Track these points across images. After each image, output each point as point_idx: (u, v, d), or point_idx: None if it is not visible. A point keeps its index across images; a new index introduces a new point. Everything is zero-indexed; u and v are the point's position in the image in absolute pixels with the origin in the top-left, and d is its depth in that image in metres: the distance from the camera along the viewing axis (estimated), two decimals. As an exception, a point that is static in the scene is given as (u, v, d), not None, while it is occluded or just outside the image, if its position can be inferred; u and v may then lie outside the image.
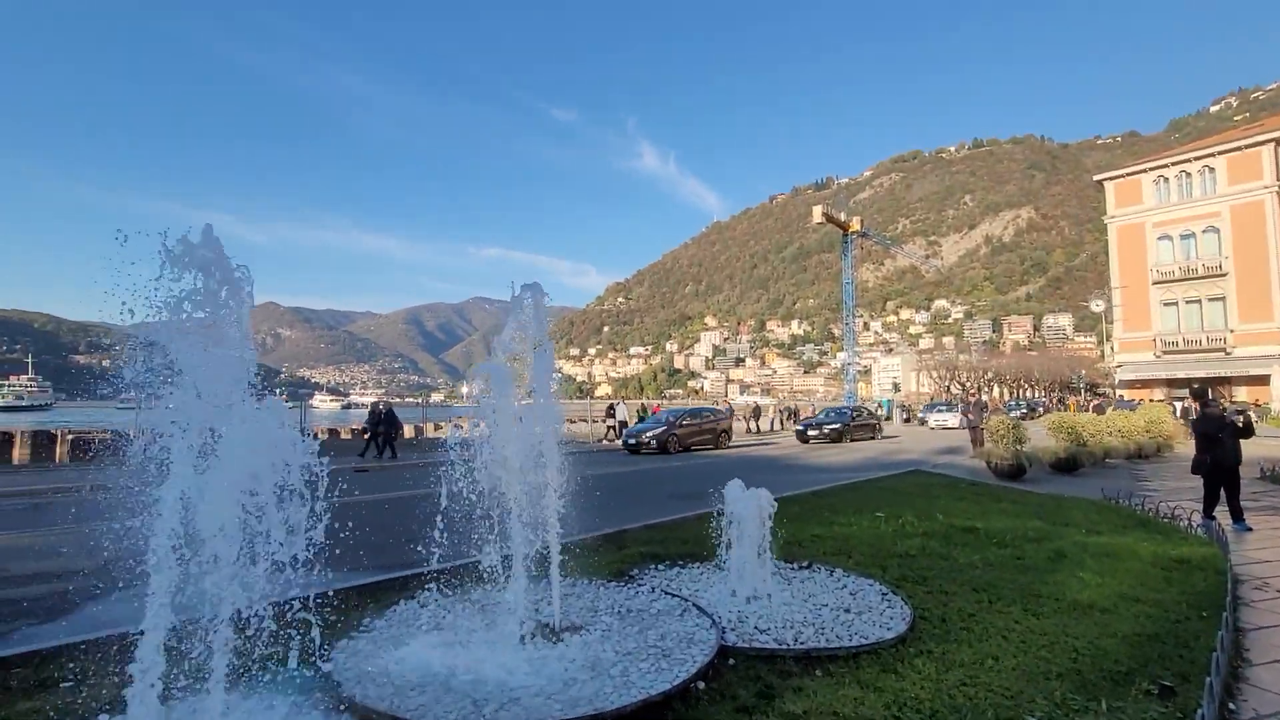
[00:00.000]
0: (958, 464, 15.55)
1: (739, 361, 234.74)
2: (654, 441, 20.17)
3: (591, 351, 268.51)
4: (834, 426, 25.10)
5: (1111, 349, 42.60)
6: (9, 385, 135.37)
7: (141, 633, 2.41)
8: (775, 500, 5.00)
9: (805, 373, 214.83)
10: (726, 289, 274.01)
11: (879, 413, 47.41)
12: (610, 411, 27.56)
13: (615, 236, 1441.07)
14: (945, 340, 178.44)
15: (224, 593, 2.56)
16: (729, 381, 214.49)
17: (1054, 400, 65.19)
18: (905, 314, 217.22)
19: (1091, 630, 4.13)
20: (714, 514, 5.19)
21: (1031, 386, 75.49)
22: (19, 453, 17.92)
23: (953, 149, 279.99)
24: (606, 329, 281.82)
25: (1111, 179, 40.30)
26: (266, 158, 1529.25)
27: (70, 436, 19.09)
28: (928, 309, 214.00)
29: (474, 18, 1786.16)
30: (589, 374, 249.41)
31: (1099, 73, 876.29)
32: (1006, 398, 64.45)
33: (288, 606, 2.67)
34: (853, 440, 25.01)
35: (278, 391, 2.93)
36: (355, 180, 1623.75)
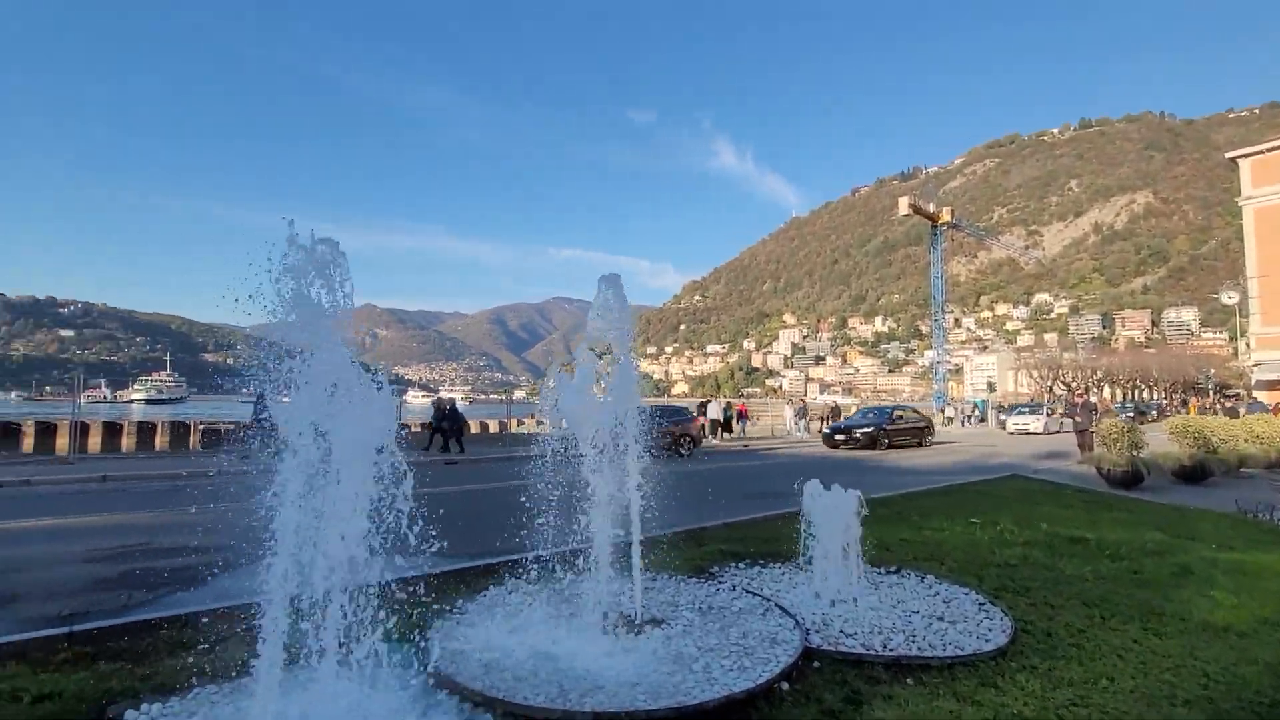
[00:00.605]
0: (1061, 469, 14.44)
1: (819, 360, 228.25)
2: None
3: (668, 350, 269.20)
4: (866, 430, 21.46)
5: (1247, 345, 38.03)
6: (151, 380, 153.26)
7: (266, 604, 2.66)
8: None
9: (890, 371, 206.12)
10: (806, 285, 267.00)
11: (973, 414, 44.93)
12: (702, 409, 27.60)
13: (693, 235, 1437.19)
14: (1047, 337, 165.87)
15: (336, 572, 2.79)
16: (809, 380, 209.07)
17: (1175, 402, 59.21)
18: (1001, 309, 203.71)
19: (1226, 655, 3.73)
20: (795, 514, 5.08)
21: (1150, 387, 68.75)
22: (160, 440, 20.18)
23: (1055, 131, 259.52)
24: (683, 327, 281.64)
25: (1248, 156, 35.93)
26: (364, 170, 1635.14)
27: (201, 426, 21.29)
28: (1027, 303, 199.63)
29: (551, 27, 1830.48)
30: (665, 372, 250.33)
31: (1231, 40, 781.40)
32: (1119, 398, 59.05)
33: (389, 587, 2.88)
34: (891, 447, 21.36)
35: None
36: (443, 186, 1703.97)
